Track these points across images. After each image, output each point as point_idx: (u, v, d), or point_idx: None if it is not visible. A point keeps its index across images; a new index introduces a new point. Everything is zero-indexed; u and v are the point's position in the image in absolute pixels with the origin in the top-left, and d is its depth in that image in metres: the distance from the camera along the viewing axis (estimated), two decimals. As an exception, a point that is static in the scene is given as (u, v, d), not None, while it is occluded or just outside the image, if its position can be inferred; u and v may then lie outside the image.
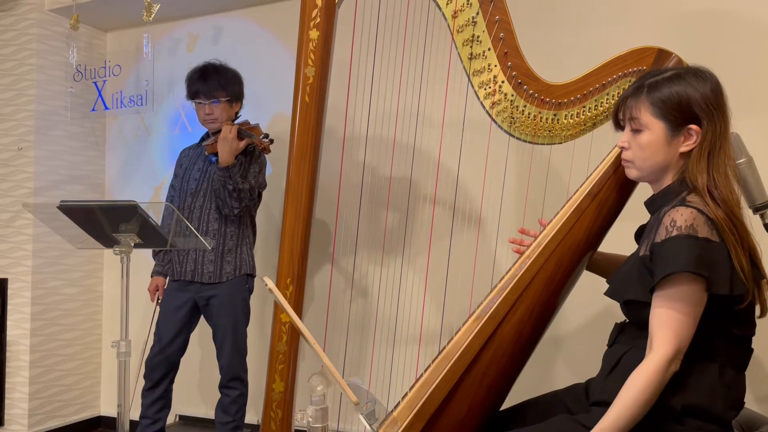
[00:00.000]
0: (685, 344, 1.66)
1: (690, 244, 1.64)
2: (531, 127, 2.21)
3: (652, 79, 1.83)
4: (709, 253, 1.65)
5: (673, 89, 1.78)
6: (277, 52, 3.85)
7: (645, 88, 1.82)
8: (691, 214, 1.67)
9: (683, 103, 1.77)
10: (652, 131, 1.81)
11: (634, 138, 1.85)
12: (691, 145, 1.78)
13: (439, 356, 2.07)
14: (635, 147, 1.85)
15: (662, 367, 1.64)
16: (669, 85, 1.79)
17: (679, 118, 1.78)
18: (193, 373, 3.97)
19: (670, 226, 1.67)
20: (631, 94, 1.86)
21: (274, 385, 2.24)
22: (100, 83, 4.25)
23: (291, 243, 2.21)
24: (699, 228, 1.65)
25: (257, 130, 3.10)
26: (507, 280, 2.10)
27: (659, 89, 1.80)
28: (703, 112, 1.76)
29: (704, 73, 1.81)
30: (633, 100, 1.84)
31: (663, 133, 1.80)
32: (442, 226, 3.23)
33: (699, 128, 1.77)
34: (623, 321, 1.92)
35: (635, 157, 1.86)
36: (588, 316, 3.03)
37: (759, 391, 2.78)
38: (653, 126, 1.81)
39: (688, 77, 1.79)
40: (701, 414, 1.68)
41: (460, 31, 2.16)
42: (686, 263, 1.62)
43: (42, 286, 3.99)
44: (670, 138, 1.80)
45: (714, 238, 1.66)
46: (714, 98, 1.77)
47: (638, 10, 2.99)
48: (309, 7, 2.17)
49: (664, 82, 1.80)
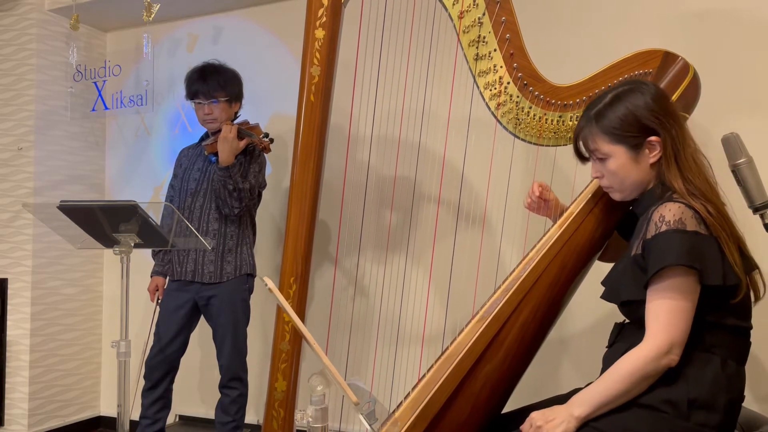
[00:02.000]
0: (680, 337, 1.68)
1: (680, 238, 1.68)
2: (536, 129, 2.21)
3: (595, 109, 1.87)
4: (699, 246, 1.68)
5: (618, 112, 1.83)
6: (277, 52, 3.84)
7: (593, 120, 1.87)
8: (678, 209, 1.71)
9: (632, 122, 1.82)
10: (615, 157, 1.86)
11: (603, 166, 1.89)
12: (657, 155, 1.83)
13: (442, 357, 2.07)
14: (607, 174, 1.90)
15: (653, 357, 1.67)
16: (613, 110, 1.84)
17: (634, 136, 1.83)
18: (193, 373, 3.97)
19: (659, 222, 1.71)
20: (582, 127, 1.90)
21: (276, 384, 2.24)
22: (100, 83, 4.24)
23: (295, 242, 2.21)
24: (687, 222, 1.69)
25: (257, 129, 3.10)
26: (511, 281, 2.10)
27: (605, 117, 1.85)
28: (654, 123, 1.81)
29: (641, 86, 1.86)
30: (587, 133, 1.89)
31: (626, 155, 1.85)
32: (446, 226, 3.23)
33: (658, 137, 1.81)
34: (622, 321, 1.93)
35: (612, 182, 1.92)
36: (594, 317, 3.03)
37: (759, 390, 2.78)
38: (615, 152, 1.85)
39: (626, 96, 1.84)
40: (706, 406, 1.69)
41: (466, 32, 2.17)
42: (678, 256, 1.66)
43: (42, 286, 3.99)
44: (636, 156, 1.84)
45: (702, 231, 1.70)
46: (658, 106, 1.82)
47: (641, 11, 3.00)
48: (315, 6, 2.17)
49: (607, 109, 1.85)
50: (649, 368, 1.68)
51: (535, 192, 2.24)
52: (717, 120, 2.62)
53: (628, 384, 1.69)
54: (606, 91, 1.93)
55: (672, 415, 1.68)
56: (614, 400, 1.71)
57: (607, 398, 1.71)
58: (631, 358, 1.70)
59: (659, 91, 1.87)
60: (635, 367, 1.68)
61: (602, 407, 1.72)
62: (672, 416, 1.68)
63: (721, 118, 2.67)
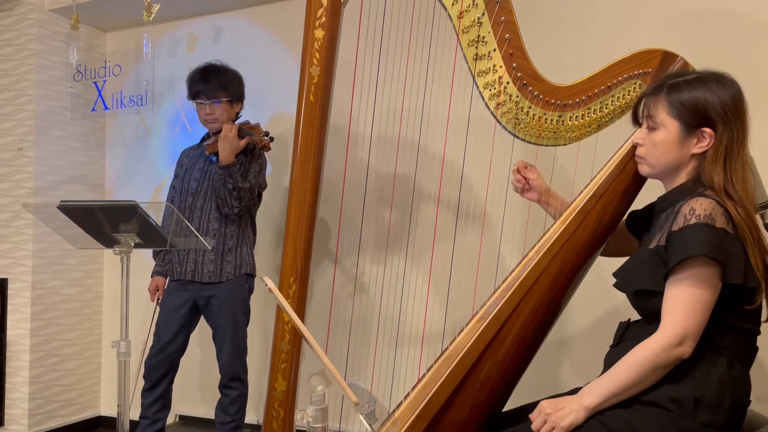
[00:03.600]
0: (695, 330, 1.67)
1: (708, 231, 1.67)
2: (536, 129, 2.21)
3: (674, 80, 1.86)
4: (725, 243, 1.68)
5: (693, 92, 1.81)
6: (277, 52, 3.85)
7: (665, 88, 1.85)
8: (710, 204, 1.70)
9: (700, 106, 1.80)
10: (666, 130, 1.84)
11: (648, 135, 1.88)
12: (704, 147, 1.81)
13: (442, 357, 2.07)
14: (649, 144, 1.88)
15: (666, 346, 1.67)
16: (689, 88, 1.82)
17: (694, 120, 1.81)
18: (193, 373, 3.97)
19: (689, 214, 1.70)
20: (651, 92, 1.89)
21: (276, 384, 2.24)
22: (100, 83, 4.24)
23: (294, 242, 2.21)
24: (717, 218, 1.69)
25: (258, 129, 3.11)
26: (511, 281, 2.10)
27: (679, 91, 1.83)
28: (719, 117, 1.79)
29: (726, 80, 1.84)
30: (652, 98, 1.87)
31: (677, 132, 1.83)
32: (446, 226, 3.23)
33: (713, 132, 1.79)
34: (628, 320, 1.93)
35: (648, 154, 1.89)
36: (595, 317, 3.03)
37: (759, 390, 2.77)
38: (668, 125, 1.83)
39: (709, 82, 1.82)
40: (711, 406, 1.69)
41: (465, 32, 2.16)
42: (702, 248, 1.65)
43: (42, 286, 3.99)
44: (684, 138, 1.82)
45: (730, 230, 1.69)
46: (733, 105, 1.80)
47: (641, 10, 2.99)
48: (314, 6, 2.17)
49: (684, 85, 1.83)
50: (660, 358, 1.67)
51: (518, 169, 2.28)
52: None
53: (639, 374, 1.69)
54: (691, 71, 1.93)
55: (677, 413, 1.68)
56: (624, 390, 1.70)
57: (618, 388, 1.71)
58: (642, 349, 1.70)
59: (740, 93, 1.85)
60: (645, 357, 1.68)
61: (612, 397, 1.71)
62: (677, 414, 1.68)
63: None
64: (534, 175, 2.29)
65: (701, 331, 1.68)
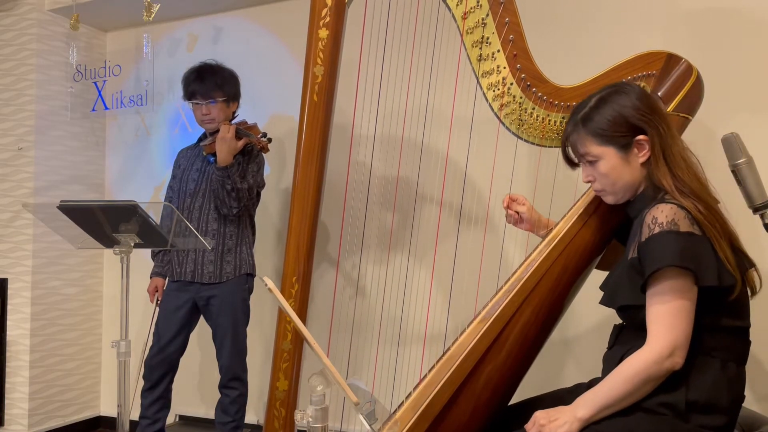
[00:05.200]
0: (683, 340, 1.68)
1: (673, 239, 1.68)
2: (539, 130, 2.21)
3: (582, 113, 1.89)
4: (693, 246, 1.68)
5: (605, 114, 1.84)
6: (277, 52, 3.84)
7: (579, 124, 1.88)
8: (671, 210, 1.71)
9: (620, 121, 1.83)
10: (606, 159, 1.86)
11: (594, 169, 1.90)
12: (647, 154, 1.83)
13: (444, 357, 2.07)
14: (599, 177, 1.91)
15: (656, 360, 1.67)
16: (599, 112, 1.85)
17: (622, 136, 1.83)
18: (192, 373, 3.97)
19: (652, 224, 1.71)
20: (569, 134, 1.92)
21: (278, 383, 2.24)
22: (100, 83, 4.24)
23: (297, 241, 2.21)
24: (680, 222, 1.69)
25: (255, 129, 3.10)
26: (513, 282, 2.10)
27: (593, 119, 1.86)
28: (640, 121, 1.82)
29: (624, 87, 1.88)
30: (575, 138, 1.90)
31: (616, 156, 1.85)
32: (448, 227, 3.23)
33: (646, 136, 1.82)
34: (621, 323, 1.94)
35: (603, 185, 1.92)
36: (597, 318, 3.03)
37: (759, 390, 2.78)
38: (605, 153, 1.86)
39: (611, 97, 1.86)
40: (706, 409, 1.70)
41: (469, 33, 2.16)
42: (671, 258, 1.66)
43: (42, 286, 3.98)
44: (626, 157, 1.85)
45: (696, 231, 1.70)
46: (645, 105, 1.83)
47: (644, 11, 3.00)
48: (318, 6, 2.17)
49: (593, 111, 1.86)
50: (651, 371, 1.67)
51: (504, 203, 2.31)
52: (717, 120, 2.62)
53: (631, 387, 1.69)
54: (589, 95, 1.93)
55: (671, 416, 1.69)
56: (617, 402, 1.71)
57: (610, 400, 1.71)
58: (633, 361, 1.70)
59: (643, 91, 1.88)
60: (637, 370, 1.69)
61: (605, 409, 1.72)
62: (671, 417, 1.69)
63: (722, 118, 2.67)
64: (523, 207, 2.30)
65: (689, 338, 1.69)
